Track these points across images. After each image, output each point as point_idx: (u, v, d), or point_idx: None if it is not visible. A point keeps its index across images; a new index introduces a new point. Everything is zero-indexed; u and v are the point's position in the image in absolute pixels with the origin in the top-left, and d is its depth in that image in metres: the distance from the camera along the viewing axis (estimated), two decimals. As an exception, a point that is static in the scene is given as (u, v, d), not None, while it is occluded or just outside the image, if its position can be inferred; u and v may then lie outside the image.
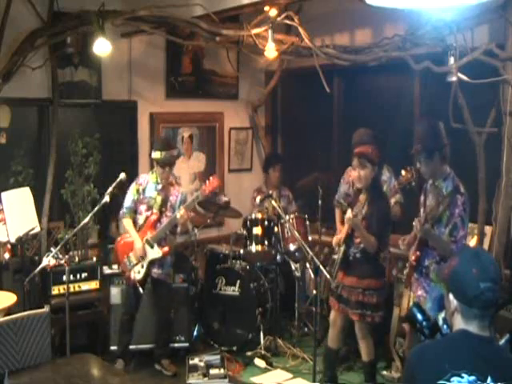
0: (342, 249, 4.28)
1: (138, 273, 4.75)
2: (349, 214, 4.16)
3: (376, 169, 4.24)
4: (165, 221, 4.79)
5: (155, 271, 4.83)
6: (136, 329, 5.00)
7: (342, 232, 4.36)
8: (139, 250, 4.73)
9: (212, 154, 6.62)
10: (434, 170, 3.87)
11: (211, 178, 4.83)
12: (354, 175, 4.26)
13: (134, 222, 4.85)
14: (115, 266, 5.13)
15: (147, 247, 4.74)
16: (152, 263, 4.78)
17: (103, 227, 5.50)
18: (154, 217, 4.80)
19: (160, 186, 4.86)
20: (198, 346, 5.38)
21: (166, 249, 4.78)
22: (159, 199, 4.84)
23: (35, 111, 5.44)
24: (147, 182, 4.88)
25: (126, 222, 4.85)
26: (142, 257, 4.74)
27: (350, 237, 4.25)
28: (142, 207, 4.85)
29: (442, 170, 3.88)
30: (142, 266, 4.75)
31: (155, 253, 4.75)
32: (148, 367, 4.99)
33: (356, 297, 4.20)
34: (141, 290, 4.77)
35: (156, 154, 4.77)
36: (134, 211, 4.86)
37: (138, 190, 4.85)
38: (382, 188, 4.49)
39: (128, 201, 4.84)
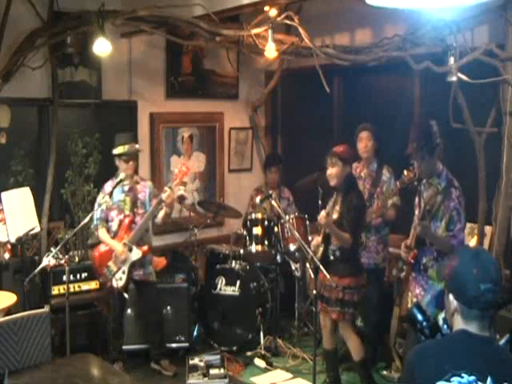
0: (321, 249, 4.33)
1: (120, 280, 4.67)
2: (321, 214, 4.19)
3: (348, 167, 4.31)
4: (139, 220, 4.76)
5: (137, 273, 4.79)
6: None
7: (320, 233, 4.41)
8: (121, 253, 4.67)
9: (212, 154, 6.62)
10: (430, 169, 3.87)
11: (180, 166, 4.82)
12: (327, 174, 4.35)
13: (108, 230, 4.81)
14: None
15: (126, 251, 4.69)
16: (133, 266, 4.73)
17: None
18: (127, 219, 4.77)
19: (127, 188, 4.81)
20: (197, 346, 5.38)
21: (145, 248, 4.74)
22: (128, 200, 4.80)
23: (35, 111, 5.43)
24: (112, 187, 4.76)
25: (101, 233, 4.79)
26: (123, 262, 4.68)
27: (328, 236, 4.30)
28: (113, 213, 4.80)
29: (436, 167, 3.89)
30: (124, 272, 4.68)
31: (135, 254, 4.68)
32: (146, 367, 4.99)
33: (336, 295, 4.22)
34: (126, 295, 4.73)
35: (119, 149, 4.72)
36: (106, 220, 4.81)
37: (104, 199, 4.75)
38: (356, 184, 4.50)
39: (97, 212, 4.75)
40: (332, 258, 4.30)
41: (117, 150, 4.74)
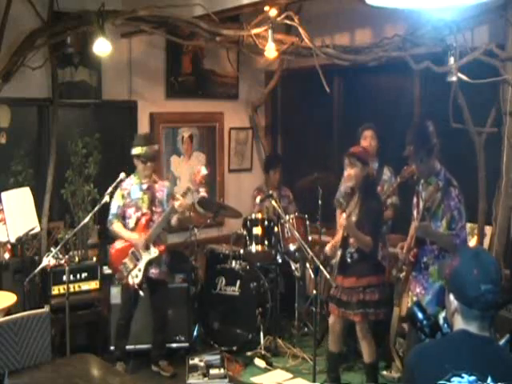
0: (340, 252, 4.25)
1: (136, 277, 4.69)
2: (342, 218, 4.12)
3: (367, 168, 4.24)
4: (156, 218, 4.77)
5: (153, 271, 4.80)
6: (133, 329, 4.99)
7: (335, 238, 4.33)
8: (141, 243, 4.66)
9: (212, 154, 6.62)
10: (429, 170, 3.87)
11: (198, 167, 4.87)
12: (346, 174, 4.29)
13: (124, 227, 4.81)
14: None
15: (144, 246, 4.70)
16: (149, 264, 4.74)
17: (103, 227, 5.49)
18: (144, 217, 4.77)
19: (145, 186, 4.82)
20: (197, 346, 5.38)
21: (162, 247, 4.76)
22: (146, 198, 4.80)
23: (35, 111, 5.44)
24: (131, 185, 4.82)
25: (117, 227, 4.79)
26: (139, 259, 4.69)
27: (345, 238, 4.22)
28: (131, 210, 4.81)
29: (434, 167, 3.89)
30: (140, 270, 4.70)
31: (152, 253, 4.71)
32: (147, 367, 4.98)
33: (357, 297, 4.14)
34: (141, 293, 4.73)
35: (137, 150, 4.73)
36: (122, 217, 4.82)
37: (123, 196, 4.78)
38: (374, 187, 4.45)
39: (114, 208, 4.77)
40: (349, 260, 4.22)
41: (135, 151, 4.76)
